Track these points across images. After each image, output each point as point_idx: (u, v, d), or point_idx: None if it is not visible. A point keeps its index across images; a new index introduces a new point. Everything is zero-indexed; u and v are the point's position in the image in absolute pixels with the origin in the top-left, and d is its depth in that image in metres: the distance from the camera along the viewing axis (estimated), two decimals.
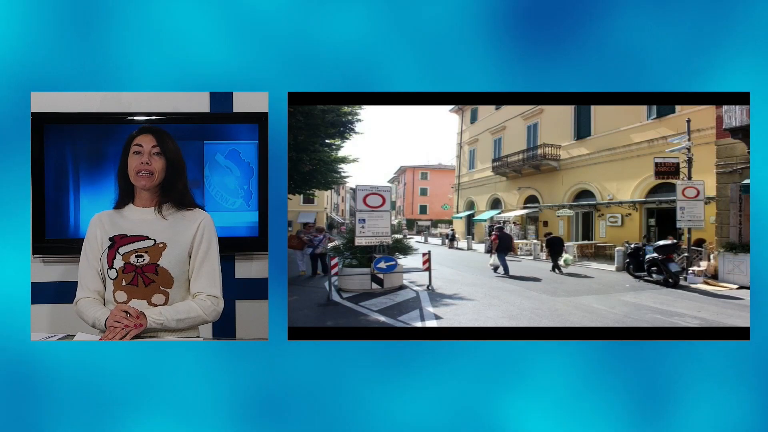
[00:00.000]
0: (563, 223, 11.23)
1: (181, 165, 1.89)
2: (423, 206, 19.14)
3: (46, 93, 2.47)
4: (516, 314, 4.82)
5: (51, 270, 2.58)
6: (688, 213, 7.04)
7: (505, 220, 11.90)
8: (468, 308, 5.14)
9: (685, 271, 6.70)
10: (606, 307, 5.14)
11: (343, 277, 6.10)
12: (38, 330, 2.35)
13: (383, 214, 6.08)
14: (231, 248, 2.56)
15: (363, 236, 5.94)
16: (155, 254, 1.82)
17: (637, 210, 9.55)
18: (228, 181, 2.45)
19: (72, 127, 2.56)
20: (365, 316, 4.81)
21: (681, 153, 7.72)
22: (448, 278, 7.06)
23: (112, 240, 1.84)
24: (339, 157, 10.63)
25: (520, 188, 12.56)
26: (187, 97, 2.59)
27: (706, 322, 4.50)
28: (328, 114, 8.84)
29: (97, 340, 1.85)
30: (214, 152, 2.43)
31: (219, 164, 2.43)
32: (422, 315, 4.82)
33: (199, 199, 2.44)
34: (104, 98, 2.57)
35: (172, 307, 1.84)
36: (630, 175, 9.70)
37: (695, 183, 7.15)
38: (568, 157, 11.31)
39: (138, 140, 1.83)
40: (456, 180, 15.63)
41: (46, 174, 2.55)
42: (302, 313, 4.87)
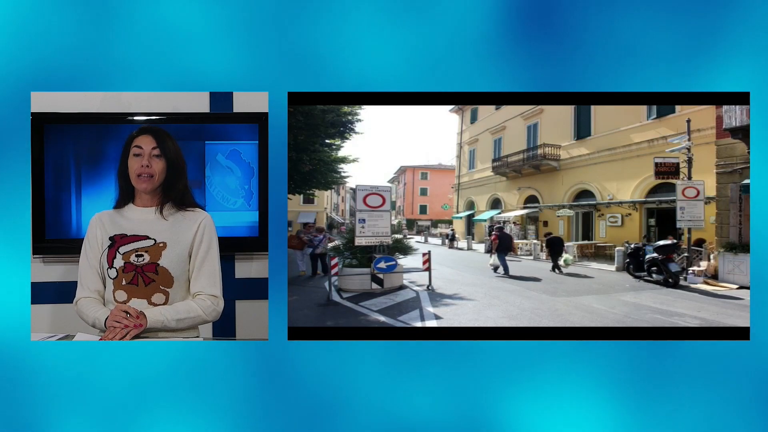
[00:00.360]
0: (563, 223, 11.23)
1: (181, 165, 1.89)
2: (423, 206, 19.14)
3: (46, 93, 2.47)
4: (516, 314, 4.82)
5: (51, 270, 2.58)
6: (688, 213, 7.04)
7: (505, 220, 11.90)
8: (468, 308, 5.14)
9: (685, 271, 6.70)
10: (606, 307, 5.14)
11: (343, 277, 6.10)
12: (38, 330, 2.35)
13: (383, 214, 6.08)
14: (231, 248, 2.56)
15: (363, 236, 5.94)
16: (155, 253, 1.82)
17: (637, 210, 9.55)
18: (229, 181, 2.47)
19: (72, 127, 2.56)
20: (365, 316, 4.81)
21: (681, 153, 7.72)
22: (448, 278, 7.06)
23: (112, 239, 1.84)
24: (339, 157, 10.63)
25: (520, 188, 12.56)
26: (187, 97, 2.59)
27: (706, 322, 4.50)
28: (328, 114, 8.84)
29: (97, 340, 1.85)
30: (215, 152, 2.44)
31: (220, 164, 2.45)
32: (422, 315, 4.82)
33: (200, 198, 2.47)
34: (104, 98, 2.57)
35: (171, 307, 1.84)
36: (630, 175, 9.70)
37: (695, 183, 7.15)
38: (568, 157, 11.31)
39: (138, 141, 1.82)
40: (456, 180, 15.63)
41: (46, 174, 2.55)
42: (302, 313, 4.87)
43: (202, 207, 1.97)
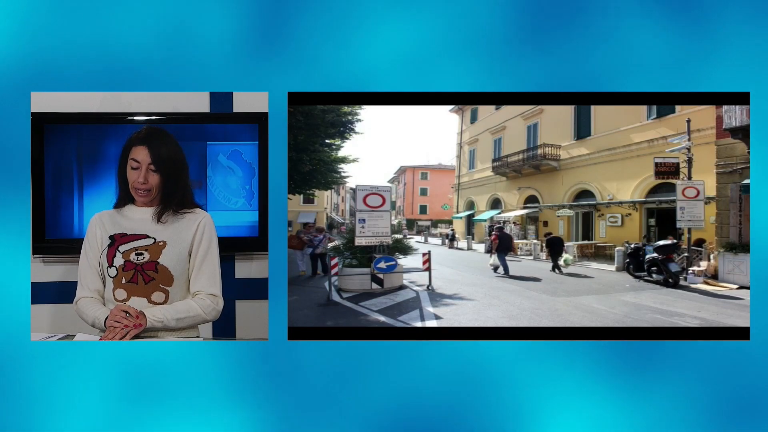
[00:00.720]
0: (563, 223, 11.24)
1: (179, 170, 1.86)
2: (423, 206, 19.14)
3: (46, 93, 2.47)
4: (516, 314, 4.82)
5: (51, 270, 2.58)
6: (688, 213, 7.04)
7: (505, 220, 11.90)
8: (468, 308, 5.14)
9: (685, 271, 6.70)
10: (606, 307, 5.14)
11: (343, 277, 6.10)
12: (38, 330, 2.35)
13: (383, 214, 6.08)
14: (231, 248, 2.56)
15: (363, 236, 5.94)
16: (155, 252, 1.83)
17: (637, 210, 9.55)
18: (230, 181, 2.48)
19: (72, 127, 2.56)
20: (365, 316, 4.81)
21: (681, 153, 7.72)
22: (448, 278, 7.06)
23: (112, 238, 1.84)
24: (339, 157, 10.64)
25: (520, 188, 12.56)
26: (187, 97, 2.59)
27: (706, 322, 4.50)
28: (328, 114, 8.84)
29: (97, 340, 1.85)
30: (216, 153, 2.45)
31: (221, 165, 2.46)
32: (422, 315, 4.82)
33: (201, 198, 2.48)
34: (104, 98, 2.57)
35: (171, 307, 1.84)
36: (630, 175, 9.70)
37: (695, 183, 7.15)
38: (568, 157, 11.31)
39: (133, 154, 1.78)
40: (456, 180, 15.64)
41: (46, 174, 2.55)
42: (302, 313, 4.87)
43: (202, 207, 1.97)
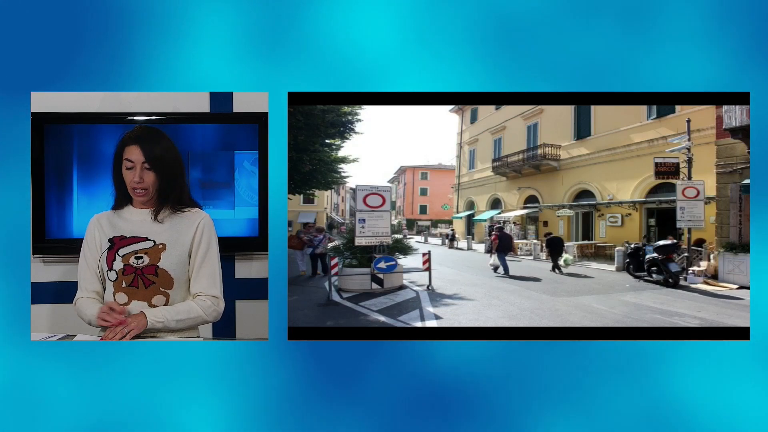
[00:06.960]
0: (563, 223, 11.24)
1: (174, 167, 1.84)
2: (423, 206, 19.16)
3: (46, 93, 2.46)
4: (516, 314, 4.82)
5: (51, 270, 2.58)
6: (688, 213, 7.04)
7: (505, 220, 11.91)
8: (468, 308, 5.14)
9: (685, 271, 6.71)
10: (606, 307, 5.14)
11: (343, 277, 6.10)
12: (38, 330, 2.35)
13: (383, 214, 6.08)
14: (232, 248, 2.59)
15: (363, 236, 5.94)
16: (155, 255, 1.82)
17: (637, 210, 9.56)
18: (252, 183, 2.69)
19: (72, 127, 2.56)
20: (365, 316, 4.82)
21: (681, 153, 7.73)
22: (448, 278, 7.07)
23: (111, 242, 1.83)
24: (339, 157, 10.65)
25: (520, 188, 12.57)
26: (187, 97, 2.59)
27: (706, 322, 4.50)
28: (328, 114, 8.85)
29: (97, 340, 1.85)
30: (242, 160, 2.68)
31: (246, 169, 2.69)
32: (422, 315, 4.83)
33: (229, 197, 2.64)
34: (104, 98, 2.57)
35: (172, 308, 1.83)
36: (630, 175, 9.71)
37: (695, 183, 7.15)
38: (568, 157, 11.32)
39: (127, 154, 1.77)
40: (456, 180, 15.65)
41: (46, 174, 2.55)
42: (302, 313, 4.87)
43: (200, 206, 1.96)
